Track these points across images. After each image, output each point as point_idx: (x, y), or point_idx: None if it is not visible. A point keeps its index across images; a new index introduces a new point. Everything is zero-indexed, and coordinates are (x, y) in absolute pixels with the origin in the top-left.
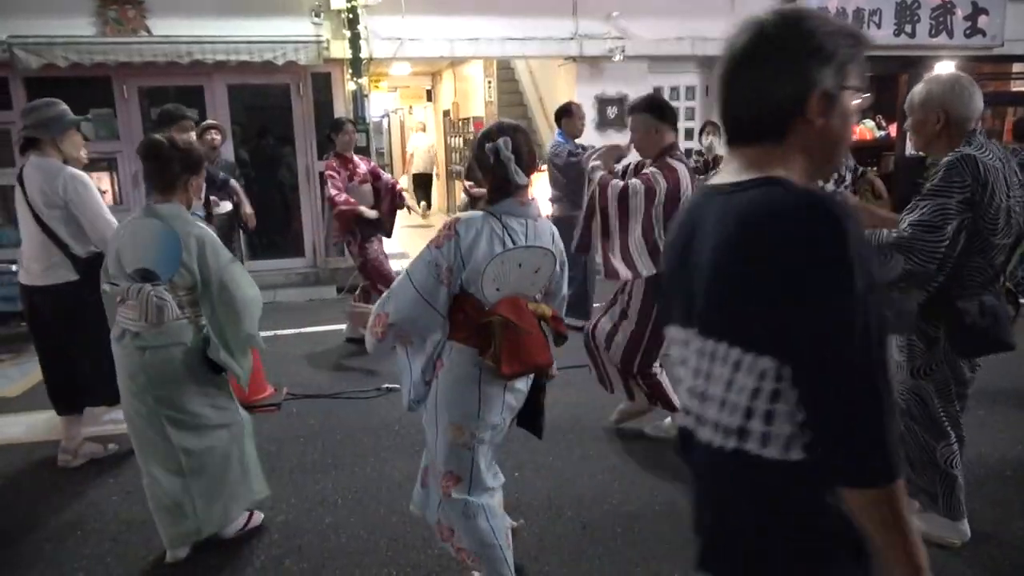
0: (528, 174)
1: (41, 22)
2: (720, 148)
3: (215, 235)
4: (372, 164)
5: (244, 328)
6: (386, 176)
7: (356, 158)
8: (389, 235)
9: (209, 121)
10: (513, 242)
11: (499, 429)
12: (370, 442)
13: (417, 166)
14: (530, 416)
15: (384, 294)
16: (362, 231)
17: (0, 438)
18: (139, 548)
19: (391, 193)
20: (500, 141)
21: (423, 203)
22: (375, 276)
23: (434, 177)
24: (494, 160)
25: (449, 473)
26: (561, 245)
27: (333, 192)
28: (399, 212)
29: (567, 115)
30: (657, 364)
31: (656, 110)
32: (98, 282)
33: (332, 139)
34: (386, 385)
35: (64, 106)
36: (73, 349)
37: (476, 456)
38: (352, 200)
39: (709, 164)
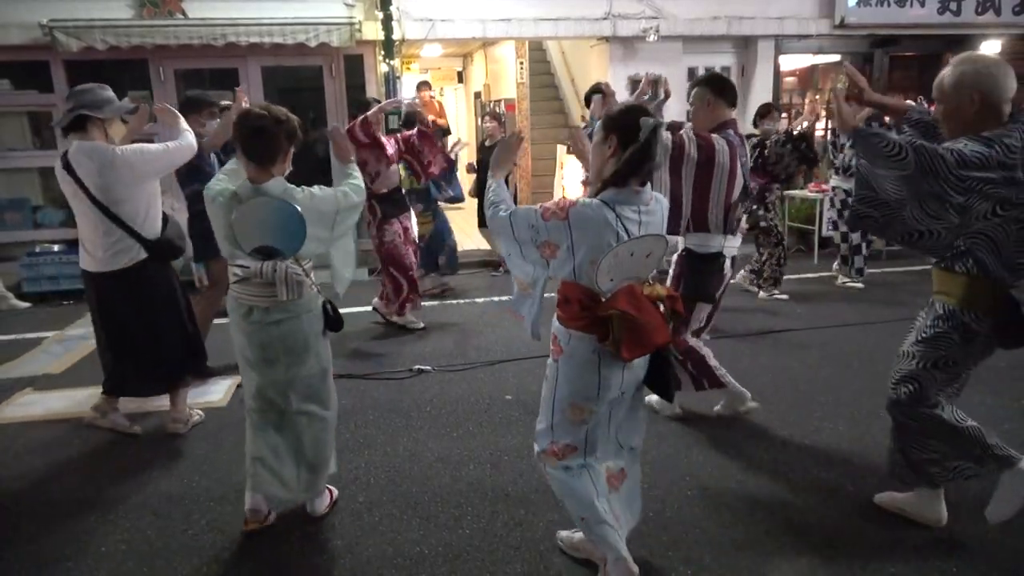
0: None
1: (80, 5)
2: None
3: (319, 192)
4: (401, 135)
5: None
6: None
7: (383, 140)
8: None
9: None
10: (628, 233)
11: (617, 401)
12: (402, 422)
13: None
14: (661, 386)
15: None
16: (383, 210)
17: (46, 413)
18: (179, 522)
19: (437, 148)
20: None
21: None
22: (388, 260)
23: None
24: (646, 137)
25: (566, 445)
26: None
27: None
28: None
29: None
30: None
31: (714, 84)
32: (167, 259)
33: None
34: (418, 366)
35: (113, 93)
36: (140, 334)
37: (592, 429)
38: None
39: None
